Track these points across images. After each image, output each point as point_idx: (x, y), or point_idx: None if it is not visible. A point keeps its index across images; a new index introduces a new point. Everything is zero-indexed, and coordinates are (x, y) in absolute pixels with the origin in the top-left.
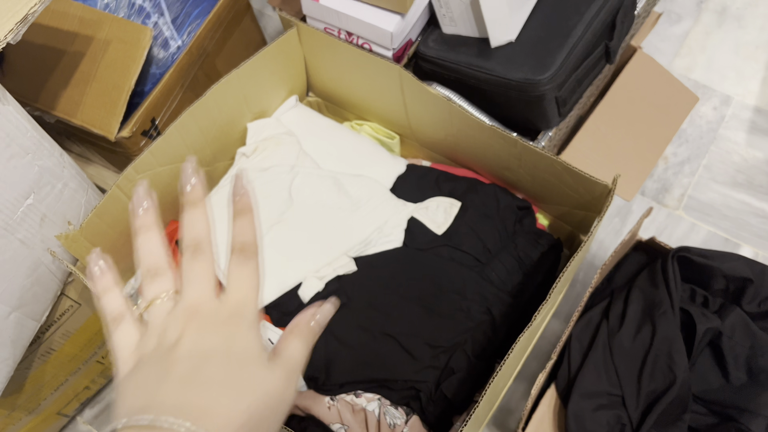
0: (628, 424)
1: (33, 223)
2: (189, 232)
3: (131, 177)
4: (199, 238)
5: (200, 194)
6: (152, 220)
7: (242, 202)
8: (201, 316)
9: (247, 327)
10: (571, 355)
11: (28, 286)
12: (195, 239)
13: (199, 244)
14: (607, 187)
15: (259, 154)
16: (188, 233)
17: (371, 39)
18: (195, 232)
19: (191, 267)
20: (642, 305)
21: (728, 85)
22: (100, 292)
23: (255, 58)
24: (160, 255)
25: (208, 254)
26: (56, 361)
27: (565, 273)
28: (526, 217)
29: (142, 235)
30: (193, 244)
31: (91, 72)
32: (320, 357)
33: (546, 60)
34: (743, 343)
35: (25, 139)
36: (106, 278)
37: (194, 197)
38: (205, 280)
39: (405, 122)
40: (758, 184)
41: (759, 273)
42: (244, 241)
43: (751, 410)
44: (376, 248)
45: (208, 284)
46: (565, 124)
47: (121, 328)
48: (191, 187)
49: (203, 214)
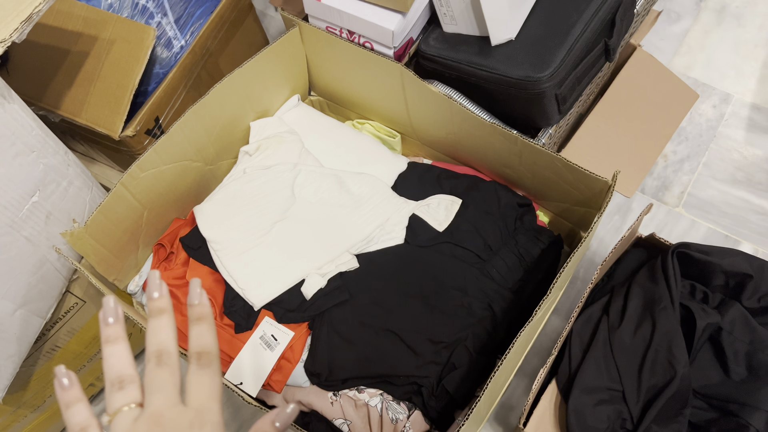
0: (629, 418)
1: (38, 221)
2: (154, 339)
3: (136, 175)
4: (163, 346)
5: (167, 303)
6: (119, 332)
7: (198, 310)
8: (164, 424)
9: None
10: (572, 351)
11: (34, 283)
12: (159, 347)
13: (163, 352)
14: (606, 184)
15: (262, 153)
16: (153, 340)
17: (372, 38)
18: (160, 339)
19: (155, 375)
20: (642, 301)
21: (728, 83)
22: (68, 403)
23: (257, 57)
24: (126, 366)
25: (173, 362)
26: (61, 358)
27: (565, 269)
28: (526, 214)
29: (110, 347)
30: (158, 351)
31: (95, 71)
32: (323, 353)
33: (546, 57)
34: (743, 338)
35: (30, 138)
36: (73, 391)
37: (161, 305)
38: (168, 387)
39: (406, 120)
40: (757, 182)
41: (758, 268)
42: (202, 348)
43: (751, 404)
44: (378, 245)
45: (172, 392)
46: (565, 122)
47: None
48: (158, 295)
49: (169, 321)
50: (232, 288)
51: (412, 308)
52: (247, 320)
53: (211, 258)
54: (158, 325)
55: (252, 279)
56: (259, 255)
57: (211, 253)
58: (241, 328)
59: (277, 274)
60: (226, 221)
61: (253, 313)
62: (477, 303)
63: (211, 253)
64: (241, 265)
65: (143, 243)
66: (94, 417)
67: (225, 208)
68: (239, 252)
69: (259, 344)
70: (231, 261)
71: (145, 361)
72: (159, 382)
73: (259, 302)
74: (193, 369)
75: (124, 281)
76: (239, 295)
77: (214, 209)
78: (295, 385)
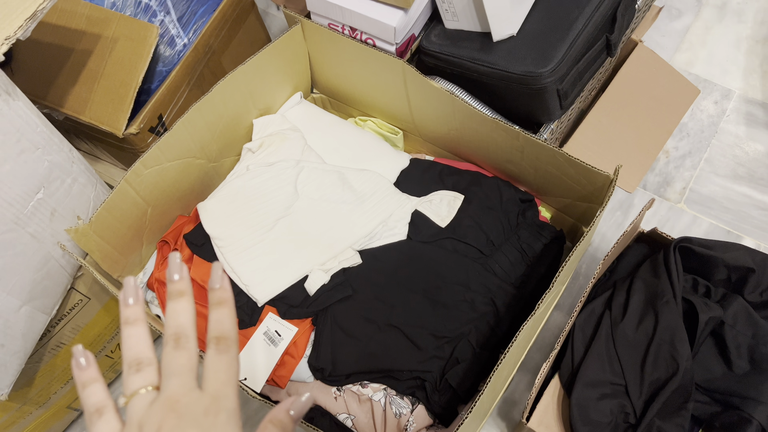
0: (632, 413)
1: (43, 218)
2: (172, 323)
3: (140, 172)
4: (182, 329)
5: (187, 286)
6: (139, 313)
7: (219, 294)
8: (179, 409)
9: (226, 420)
10: (575, 345)
11: (39, 279)
12: (178, 330)
13: (182, 336)
14: (608, 178)
15: (265, 150)
16: (172, 323)
17: (374, 34)
18: (179, 322)
19: (172, 358)
20: (644, 295)
21: (729, 79)
22: (84, 383)
23: (260, 54)
24: (145, 348)
25: (190, 346)
26: (66, 355)
27: (567, 264)
28: (528, 209)
29: (129, 328)
30: (176, 335)
31: (98, 69)
32: (326, 348)
33: (547, 53)
34: (745, 332)
35: (34, 135)
36: (90, 371)
37: (181, 288)
38: (185, 372)
39: (408, 117)
40: (759, 177)
41: (761, 262)
42: (221, 333)
43: (753, 398)
44: (380, 241)
45: (189, 377)
46: (567, 117)
47: (103, 419)
48: (179, 277)
49: (189, 304)
50: (235, 284)
51: (414, 303)
52: (251, 316)
53: (214, 254)
54: (177, 308)
55: (256, 275)
56: (263, 251)
57: (215, 249)
58: (245, 324)
59: (280, 271)
60: (229, 218)
61: (257, 309)
62: (479, 298)
63: (214, 250)
64: (245, 261)
65: (147, 240)
66: (110, 398)
67: (228, 205)
68: (243, 248)
69: (263, 340)
70: (235, 257)
71: (163, 344)
72: (176, 366)
73: (262, 298)
74: (211, 354)
75: None
76: (243, 291)
77: (218, 206)
78: (299, 381)
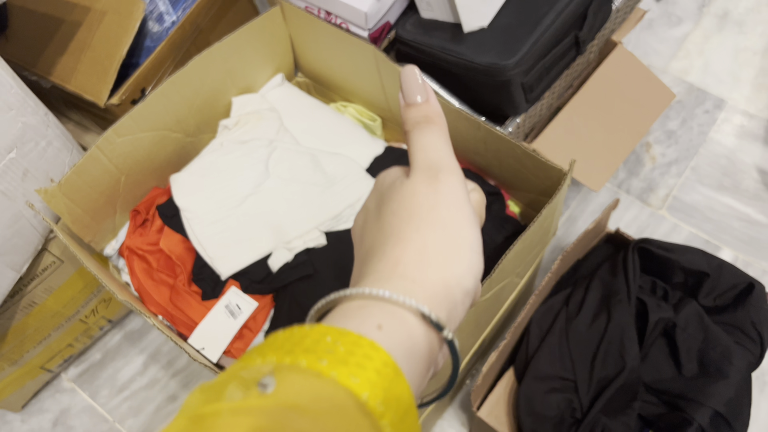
0: (579, 408)
1: (15, 177)
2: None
3: (112, 140)
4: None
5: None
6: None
7: (425, 109)
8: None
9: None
10: (530, 339)
11: (9, 236)
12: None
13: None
14: (562, 172)
15: (241, 128)
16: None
17: (348, 18)
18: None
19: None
20: (601, 293)
21: (723, 89)
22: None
23: (237, 33)
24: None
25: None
26: (39, 314)
27: (513, 247)
28: (495, 202)
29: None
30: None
31: (86, 41)
32: (283, 324)
33: (513, 46)
34: (696, 335)
35: (9, 96)
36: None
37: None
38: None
39: (384, 104)
40: (744, 189)
41: (716, 268)
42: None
43: (697, 400)
44: (347, 224)
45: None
46: (537, 113)
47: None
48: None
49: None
50: (201, 256)
51: None
52: (214, 288)
53: (183, 226)
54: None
55: (221, 248)
56: (230, 226)
57: (183, 221)
58: (208, 295)
59: (245, 246)
60: (199, 191)
61: (220, 282)
62: None
63: (183, 222)
64: (212, 234)
65: (121, 208)
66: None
67: (199, 179)
68: (210, 221)
69: (224, 312)
70: (202, 230)
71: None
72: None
73: (226, 272)
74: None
75: (101, 244)
76: (208, 263)
77: (189, 179)
78: None
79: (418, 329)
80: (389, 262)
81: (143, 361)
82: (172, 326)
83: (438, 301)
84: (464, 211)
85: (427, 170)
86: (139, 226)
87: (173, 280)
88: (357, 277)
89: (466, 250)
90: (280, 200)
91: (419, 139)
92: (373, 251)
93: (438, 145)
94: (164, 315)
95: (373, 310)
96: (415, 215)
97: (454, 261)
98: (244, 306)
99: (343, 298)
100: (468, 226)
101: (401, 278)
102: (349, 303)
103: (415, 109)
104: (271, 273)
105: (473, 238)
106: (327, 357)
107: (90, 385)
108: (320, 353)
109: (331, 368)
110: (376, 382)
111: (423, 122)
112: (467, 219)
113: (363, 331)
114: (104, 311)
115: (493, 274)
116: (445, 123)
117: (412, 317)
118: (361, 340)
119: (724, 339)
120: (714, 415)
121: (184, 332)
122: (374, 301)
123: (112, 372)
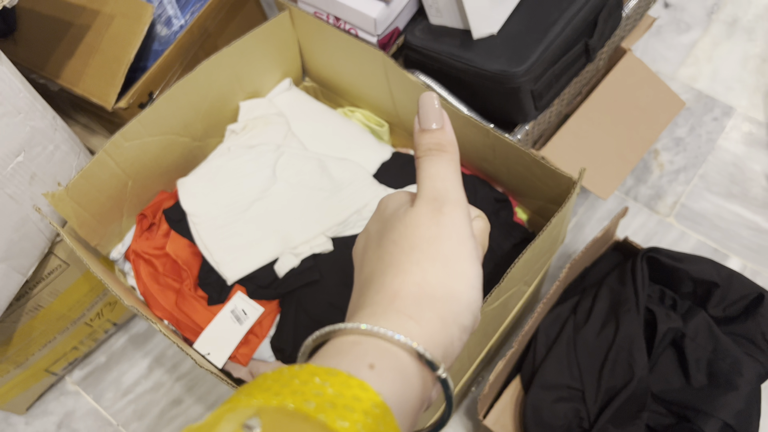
0: (586, 418)
1: (23, 180)
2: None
3: (119, 144)
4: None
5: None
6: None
7: (439, 136)
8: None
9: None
10: (537, 347)
11: (16, 240)
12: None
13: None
14: (571, 180)
15: (248, 132)
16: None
17: (357, 24)
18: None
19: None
20: (609, 302)
21: (732, 96)
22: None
23: (246, 38)
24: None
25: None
26: (44, 317)
27: (522, 256)
28: (503, 209)
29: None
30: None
31: (95, 44)
32: (289, 329)
33: (523, 53)
34: (705, 346)
35: (17, 100)
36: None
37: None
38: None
39: (392, 110)
40: (753, 197)
41: (726, 278)
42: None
43: (706, 412)
44: (354, 230)
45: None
46: (546, 120)
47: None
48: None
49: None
50: (207, 261)
51: None
52: (220, 293)
53: (190, 230)
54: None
55: (227, 254)
56: (236, 231)
57: (190, 225)
58: (214, 300)
59: (252, 251)
60: (206, 196)
61: (226, 287)
62: None
63: (190, 226)
64: (218, 239)
65: (128, 212)
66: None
67: (206, 183)
68: (217, 226)
69: (230, 317)
70: (208, 234)
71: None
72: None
73: (232, 277)
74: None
75: (107, 248)
76: (214, 268)
77: (197, 183)
78: (261, 359)
79: (411, 367)
80: (387, 294)
81: (148, 365)
82: (178, 331)
83: (434, 340)
84: (466, 246)
85: (433, 201)
86: (145, 230)
87: (179, 285)
88: (354, 306)
89: (466, 286)
90: (286, 205)
91: (429, 167)
92: (372, 280)
93: (447, 175)
94: (170, 319)
95: (367, 347)
96: (416, 247)
97: (453, 297)
98: (250, 311)
99: (338, 331)
100: (469, 261)
101: (398, 314)
102: (344, 338)
103: (429, 135)
104: (277, 278)
105: (473, 274)
106: (315, 399)
107: (94, 388)
108: (308, 395)
109: (319, 411)
110: (364, 424)
111: (435, 149)
112: (468, 254)
113: (354, 370)
114: (109, 314)
115: (502, 283)
116: (458, 153)
117: (406, 355)
118: (350, 381)
119: (733, 350)
120: (723, 426)
121: (189, 337)
122: (369, 338)
123: (116, 375)
